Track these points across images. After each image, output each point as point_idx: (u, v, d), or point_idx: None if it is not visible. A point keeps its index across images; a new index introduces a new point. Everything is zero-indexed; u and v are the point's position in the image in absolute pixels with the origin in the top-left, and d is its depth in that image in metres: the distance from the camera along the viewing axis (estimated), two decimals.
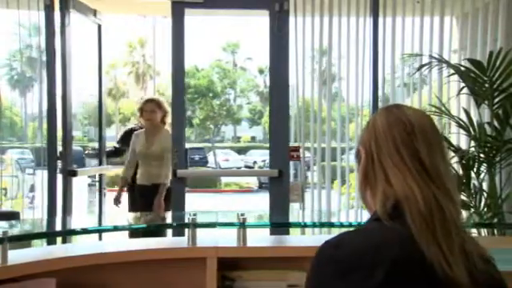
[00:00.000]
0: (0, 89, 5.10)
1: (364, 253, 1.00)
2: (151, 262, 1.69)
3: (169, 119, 4.83)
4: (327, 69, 4.69)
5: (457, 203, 1.07)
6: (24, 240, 1.68)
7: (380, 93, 4.48)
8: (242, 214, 1.74)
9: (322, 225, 1.82)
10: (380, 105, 4.46)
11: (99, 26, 5.02)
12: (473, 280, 1.00)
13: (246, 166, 25.18)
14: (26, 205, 6.01)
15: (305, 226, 1.92)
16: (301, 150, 4.44)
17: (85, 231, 1.71)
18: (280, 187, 4.43)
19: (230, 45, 30.79)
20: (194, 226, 1.70)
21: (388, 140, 1.11)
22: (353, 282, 0.98)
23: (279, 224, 1.94)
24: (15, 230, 1.83)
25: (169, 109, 4.83)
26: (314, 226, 1.96)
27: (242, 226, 1.71)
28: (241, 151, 28.19)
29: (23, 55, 4.58)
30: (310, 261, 1.05)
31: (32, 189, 5.20)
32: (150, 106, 4.95)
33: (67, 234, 1.95)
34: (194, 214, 1.72)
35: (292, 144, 4.47)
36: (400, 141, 1.10)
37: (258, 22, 4.47)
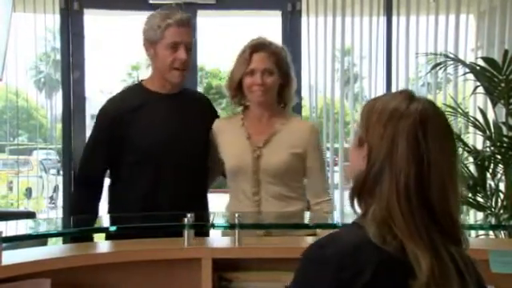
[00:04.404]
0: None
1: (351, 253, 1.01)
2: (147, 262, 1.70)
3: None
4: (341, 69, 4.65)
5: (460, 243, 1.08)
6: (18, 241, 1.70)
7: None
8: (239, 215, 1.73)
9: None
10: None
11: None
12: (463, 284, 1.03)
13: None
14: (47, 205, 6.12)
15: (298, 227, 1.91)
16: None
17: (80, 232, 1.73)
18: None
19: None
20: (190, 226, 1.70)
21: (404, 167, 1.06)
22: (341, 281, 0.99)
23: (277, 225, 1.93)
24: (18, 230, 1.86)
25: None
26: (313, 226, 1.95)
27: (237, 226, 1.70)
28: None
29: (50, 58, 4.64)
30: (298, 261, 1.05)
31: (55, 189, 5.26)
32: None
33: (60, 235, 1.97)
34: (191, 215, 1.72)
35: None
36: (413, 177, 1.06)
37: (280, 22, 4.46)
